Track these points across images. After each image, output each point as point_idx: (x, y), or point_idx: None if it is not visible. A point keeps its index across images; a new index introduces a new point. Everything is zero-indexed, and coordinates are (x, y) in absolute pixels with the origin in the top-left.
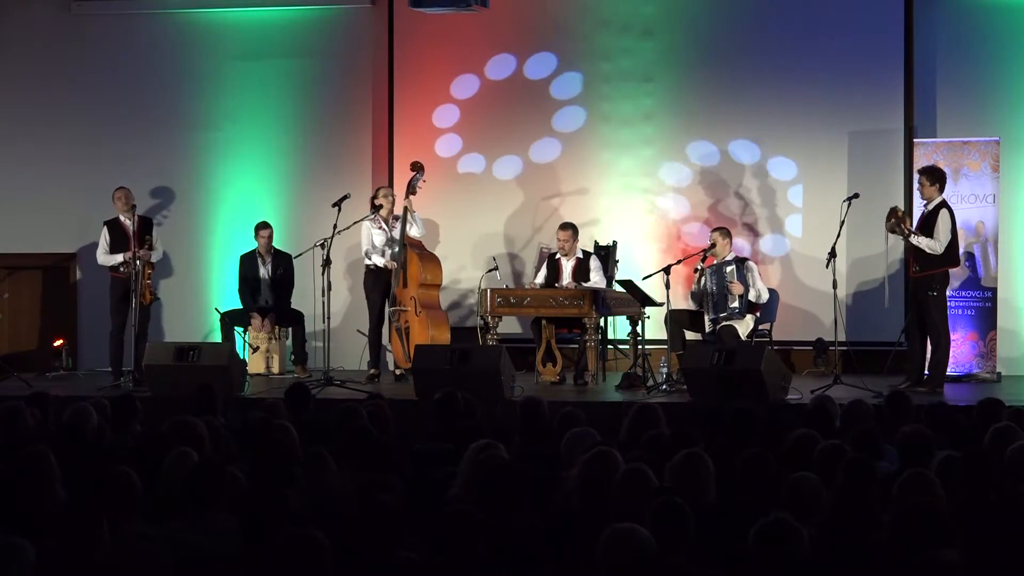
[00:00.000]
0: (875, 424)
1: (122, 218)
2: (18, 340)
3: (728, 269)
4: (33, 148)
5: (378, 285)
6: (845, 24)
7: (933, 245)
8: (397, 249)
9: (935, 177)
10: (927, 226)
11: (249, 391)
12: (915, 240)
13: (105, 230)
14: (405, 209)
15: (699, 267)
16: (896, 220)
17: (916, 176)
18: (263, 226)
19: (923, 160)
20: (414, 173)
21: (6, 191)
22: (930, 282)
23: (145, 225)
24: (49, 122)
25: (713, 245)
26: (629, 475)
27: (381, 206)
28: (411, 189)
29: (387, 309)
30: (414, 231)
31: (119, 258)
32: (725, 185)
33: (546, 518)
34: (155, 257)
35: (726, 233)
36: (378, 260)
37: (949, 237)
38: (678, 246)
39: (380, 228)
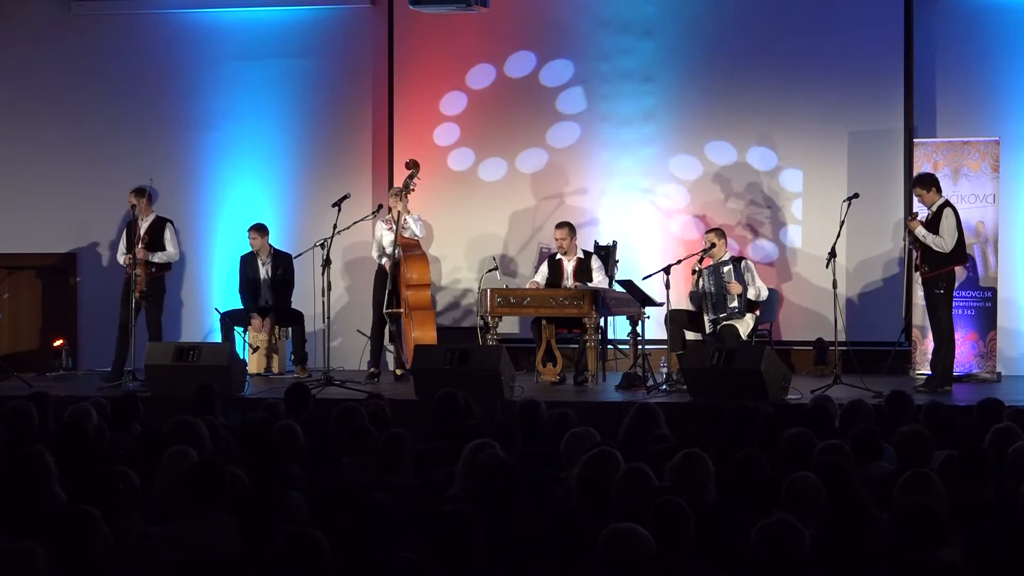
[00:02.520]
0: (875, 424)
1: (136, 218)
2: (18, 340)
3: (726, 269)
4: (33, 148)
5: (380, 285)
6: (845, 24)
7: (940, 242)
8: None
9: (927, 183)
10: (932, 226)
11: (249, 391)
12: (921, 232)
13: (126, 230)
14: (399, 212)
15: (696, 268)
16: (908, 230)
17: (913, 192)
18: (253, 228)
19: (923, 160)
20: (408, 172)
21: (6, 191)
22: (937, 281)
23: (157, 225)
24: (49, 122)
25: (712, 245)
26: (629, 475)
27: (390, 208)
28: (406, 188)
29: (384, 310)
30: (408, 232)
31: (121, 258)
32: (725, 185)
33: (546, 518)
34: (158, 258)
35: (721, 233)
36: (384, 261)
37: (956, 235)
38: (678, 246)
39: (389, 229)
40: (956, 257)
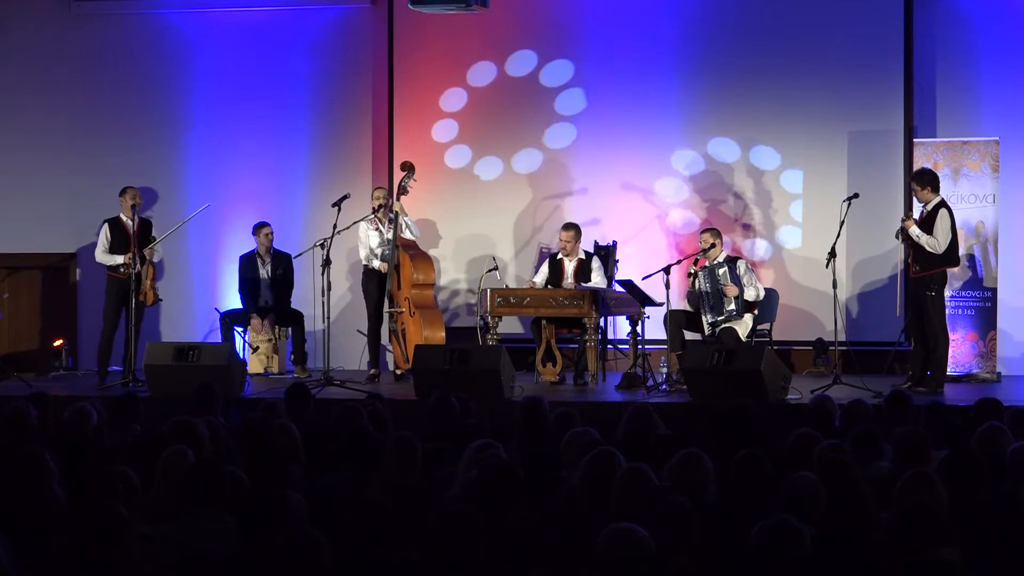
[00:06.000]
0: (875, 424)
1: (123, 218)
2: (18, 340)
3: (721, 272)
4: (33, 148)
5: (375, 286)
6: (845, 25)
7: (933, 243)
8: (389, 251)
9: (925, 180)
10: (926, 227)
11: (249, 391)
12: (915, 232)
13: (106, 228)
14: (396, 212)
15: (692, 270)
16: (901, 229)
17: (911, 186)
18: (262, 225)
19: (923, 160)
20: (404, 174)
21: (6, 191)
22: (928, 282)
23: (146, 227)
24: (49, 122)
25: (712, 246)
26: (629, 475)
27: (375, 207)
28: (401, 190)
29: (384, 310)
30: (407, 233)
31: (120, 259)
32: (725, 185)
33: (546, 518)
34: (156, 257)
35: (717, 233)
36: (375, 263)
37: (949, 236)
38: (678, 246)
39: (376, 229)
40: (948, 258)
